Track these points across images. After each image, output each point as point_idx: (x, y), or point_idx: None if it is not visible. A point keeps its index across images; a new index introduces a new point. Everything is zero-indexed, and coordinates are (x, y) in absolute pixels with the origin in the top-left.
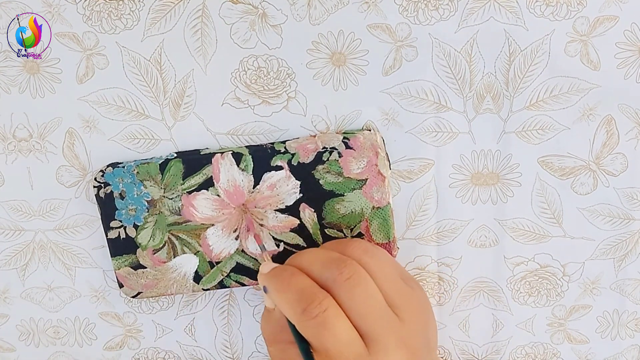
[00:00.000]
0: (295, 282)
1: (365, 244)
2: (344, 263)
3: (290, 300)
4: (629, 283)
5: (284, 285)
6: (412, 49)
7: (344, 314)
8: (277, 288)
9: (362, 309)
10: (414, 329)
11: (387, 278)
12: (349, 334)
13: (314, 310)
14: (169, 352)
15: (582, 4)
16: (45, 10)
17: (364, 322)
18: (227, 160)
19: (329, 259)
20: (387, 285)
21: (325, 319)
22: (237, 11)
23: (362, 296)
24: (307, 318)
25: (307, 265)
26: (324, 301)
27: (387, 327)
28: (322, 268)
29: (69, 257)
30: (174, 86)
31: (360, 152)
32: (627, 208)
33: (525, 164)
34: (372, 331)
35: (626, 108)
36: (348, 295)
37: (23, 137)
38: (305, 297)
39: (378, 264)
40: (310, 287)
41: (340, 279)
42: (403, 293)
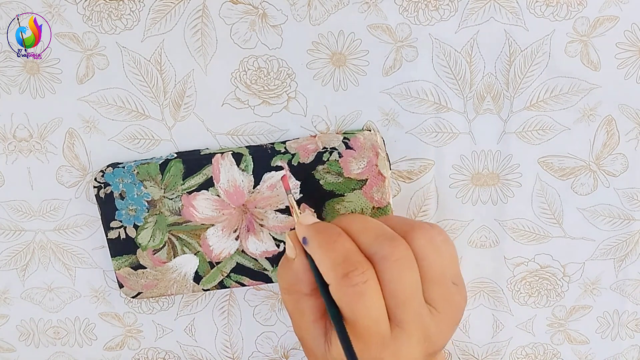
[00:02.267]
0: (341, 244)
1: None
2: (397, 243)
3: (333, 260)
4: (629, 283)
5: (330, 243)
6: (412, 49)
7: (380, 291)
8: (321, 244)
9: (399, 294)
10: (441, 331)
11: (435, 275)
12: (381, 312)
13: (355, 278)
14: (169, 352)
15: (582, 4)
16: (45, 10)
17: (397, 307)
18: (227, 160)
19: (382, 232)
20: (433, 282)
21: (364, 290)
22: (237, 11)
23: (403, 281)
24: (347, 284)
25: (357, 232)
26: (367, 272)
27: (417, 319)
28: (374, 240)
29: (69, 257)
30: (174, 86)
31: (361, 153)
32: (628, 208)
33: (526, 164)
34: (402, 317)
35: (626, 108)
36: (390, 276)
37: (23, 138)
38: (350, 262)
39: (434, 260)
40: (356, 254)
41: (390, 258)
42: (446, 294)
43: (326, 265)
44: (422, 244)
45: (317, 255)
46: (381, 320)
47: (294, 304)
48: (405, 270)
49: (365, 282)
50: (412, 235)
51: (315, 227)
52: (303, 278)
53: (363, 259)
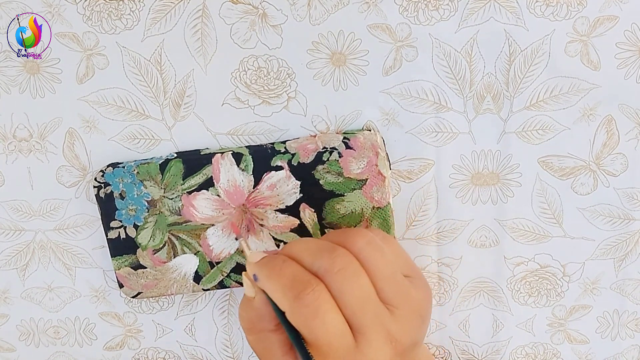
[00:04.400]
0: (287, 269)
1: (370, 236)
2: (335, 253)
3: (282, 286)
4: (629, 283)
5: (276, 271)
6: (412, 49)
7: (336, 305)
8: (268, 275)
9: (352, 302)
10: (406, 326)
11: (384, 273)
12: (339, 325)
13: (307, 297)
14: (169, 352)
15: (582, 4)
16: (45, 10)
17: (353, 315)
18: (227, 160)
19: (320, 248)
20: (383, 281)
21: (317, 307)
22: (237, 11)
23: (353, 288)
24: (300, 305)
25: (298, 253)
26: (317, 288)
27: (376, 321)
28: (314, 257)
29: (69, 257)
30: (174, 86)
31: (361, 152)
32: (627, 208)
33: (526, 164)
34: (361, 324)
35: (626, 108)
36: (339, 287)
37: (23, 137)
38: (298, 283)
39: (377, 258)
40: (303, 274)
41: (332, 270)
42: (399, 289)
43: (277, 293)
44: (362, 246)
45: (267, 287)
46: (342, 332)
47: (260, 342)
48: (351, 278)
49: (317, 299)
50: (351, 241)
51: (261, 262)
52: (265, 314)
53: (311, 277)
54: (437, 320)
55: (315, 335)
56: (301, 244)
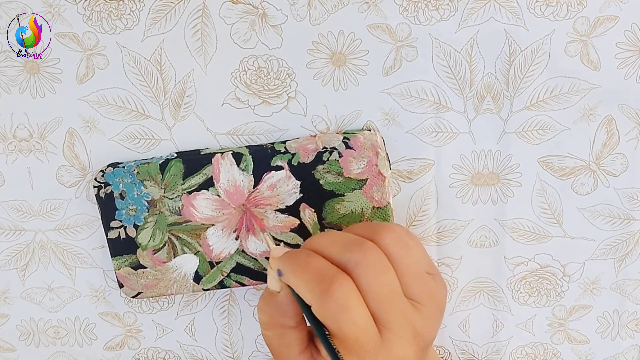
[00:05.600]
0: (313, 263)
1: (398, 233)
2: (367, 247)
3: (309, 281)
4: (629, 283)
5: (302, 266)
6: (412, 49)
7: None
8: (294, 269)
9: (379, 297)
10: (429, 322)
11: (410, 269)
12: (367, 319)
13: (335, 292)
14: (169, 352)
15: (582, 4)
16: (45, 10)
17: (380, 310)
18: (227, 160)
19: (350, 241)
20: (409, 277)
21: (346, 301)
22: (237, 11)
23: (381, 284)
24: (328, 299)
25: (326, 246)
26: (345, 283)
27: (402, 317)
28: (344, 250)
29: (69, 257)
30: (174, 86)
31: (361, 152)
32: (628, 208)
33: (526, 164)
34: (387, 319)
35: (626, 108)
36: (368, 281)
37: (23, 137)
38: (326, 277)
39: (405, 255)
40: (330, 269)
41: (363, 263)
42: (424, 286)
43: (303, 287)
44: (390, 242)
45: (293, 282)
46: (369, 327)
47: (278, 338)
48: (380, 272)
49: (345, 294)
50: (379, 236)
51: (286, 256)
52: (288, 310)
53: (338, 271)
54: None
55: (343, 331)
56: (327, 237)
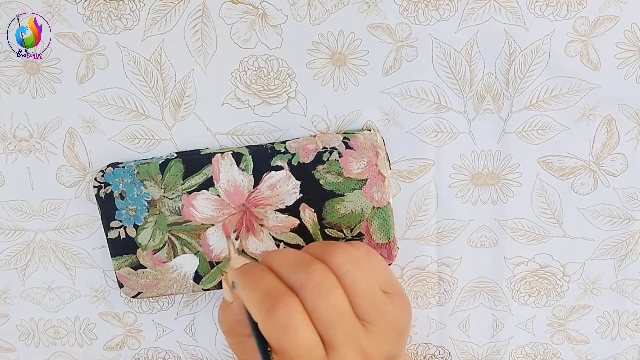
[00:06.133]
0: (263, 281)
1: (350, 252)
2: (313, 268)
3: (256, 298)
4: (629, 283)
5: (252, 282)
6: (412, 49)
7: (309, 319)
8: (244, 284)
9: (324, 317)
10: (380, 342)
11: (361, 289)
12: (311, 339)
13: (279, 312)
14: (169, 352)
15: (582, 4)
16: (45, 10)
17: (326, 331)
18: (227, 160)
19: (298, 261)
20: (360, 297)
21: (289, 321)
22: (237, 11)
23: (327, 305)
24: (271, 319)
25: (277, 265)
26: (290, 303)
27: (349, 337)
28: (291, 270)
29: (69, 257)
30: (174, 86)
31: (361, 152)
32: (627, 208)
33: (526, 164)
34: (333, 339)
35: (626, 108)
36: (313, 302)
37: (23, 137)
38: (271, 297)
39: (356, 274)
40: (277, 288)
41: (307, 285)
42: (376, 306)
43: (252, 303)
44: (340, 262)
45: (243, 296)
46: (313, 347)
47: (238, 345)
48: (325, 294)
49: (289, 314)
50: (329, 257)
51: (240, 269)
52: (242, 319)
53: (285, 291)
54: (437, 320)
55: (285, 349)
56: (280, 256)
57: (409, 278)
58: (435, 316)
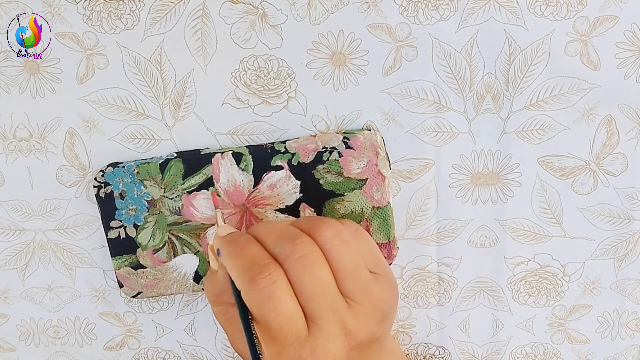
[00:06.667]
0: (248, 250)
1: (339, 228)
2: (298, 240)
3: (240, 266)
4: (629, 283)
5: (237, 250)
6: (412, 49)
7: (292, 290)
8: (229, 252)
9: (307, 290)
10: (363, 321)
11: (346, 266)
12: (293, 311)
13: (262, 281)
14: (169, 352)
15: (582, 4)
16: (45, 10)
17: (308, 304)
18: (227, 160)
19: (284, 233)
20: (345, 274)
21: (271, 291)
22: (237, 11)
23: (310, 278)
24: (254, 287)
25: (263, 236)
26: (274, 273)
27: (331, 312)
28: (276, 241)
29: (69, 257)
30: (174, 86)
31: (361, 152)
32: (627, 208)
33: (526, 164)
34: (315, 313)
35: (626, 108)
36: (296, 274)
37: (23, 137)
38: (255, 266)
39: (342, 251)
40: (262, 258)
41: (292, 257)
42: (361, 284)
43: (235, 272)
44: (328, 238)
45: (227, 264)
46: (295, 319)
47: (223, 314)
48: (310, 267)
49: (272, 284)
50: (317, 231)
51: (226, 237)
52: (226, 288)
53: (270, 262)
54: (437, 320)
55: (266, 319)
56: (267, 226)
57: (409, 278)
58: (435, 316)
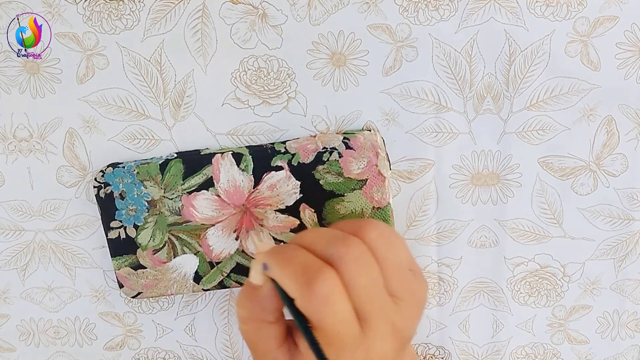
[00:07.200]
0: (299, 257)
1: (382, 228)
2: (350, 241)
3: (293, 274)
4: (629, 283)
5: (287, 259)
6: (413, 49)
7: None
8: (279, 263)
9: (361, 291)
10: (408, 318)
11: (394, 266)
12: (349, 313)
13: (318, 285)
14: (169, 352)
15: (582, 4)
16: (45, 10)
17: (362, 304)
18: (227, 160)
19: (333, 236)
20: (392, 272)
21: (329, 294)
22: (237, 11)
23: (364, 278)
24: (311, 292)
25: (311, 241)
26: (329, 276)
27: (382, 312)
28: (328, 245)
29: (69, 257)
30: (174, 86)
31: (361, 153)
32: (628, 208)
33: (526, 164)
34: (368, 314)
35: (626, 108)
36: (351, 275)
37: (23, 137)
38: (310, 270)
39: (389, 251)
40: (314, 262)
41: (346, 258)
42: (405, 282)
43: (288, 279)
44: (374, 237)
45: (278, 274)
46: (350, 320)
47: (256, 332)
48: (364, 267)
49: (329, 286)
50: (363, 232)
51: (272, 250)
52: (268, 305)
53: (323, 265)
54: (437, 320)
55: (324, 323)
56: (312, 233)
57: None
58: (435, 316)
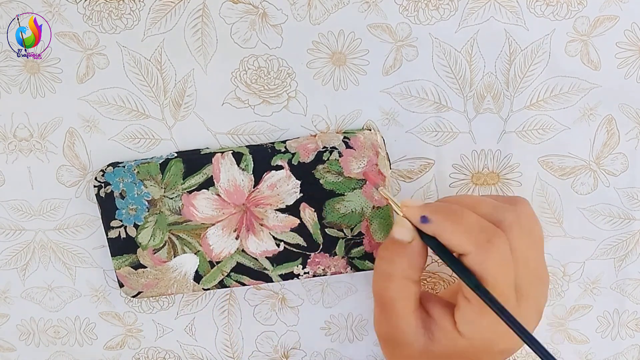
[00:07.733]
0: (470, 216)
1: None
2: (520, 209)
3: (470, 230)
4: (629, 283)
5: (459, 216)
6: (413, 48)
7: None
8: (449, 217)
9: (524, 257)
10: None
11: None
12: (513, 277)
13: (500, 243)
14: (170, 351)
15: (582, 3)
16: (45, 10)
17: (521, 271)
18: (227, 159)
19: (498, 203)
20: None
21: (507, 255)
22: (237, 11)
23: (530, 244)
24: (491, 249)
25: (473, 205)
26: (505, 237)
27: (535, 288)
28: (495, 210)
29: (69, 256)
30: (174, 86)
31: (361, 152)
32: (628, 208)
33: (526, 163)
34: (524, 282)
35: (627, 108)
36: (521, 242)
37: (23, 137)
38: (488, 229)
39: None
40: (488, 222)
41: (517, 224)
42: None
43: (462, 234)
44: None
45: (447, 229)
46: (513, 287)
47: (399, 290)
48: (529, 234)
49: (506, 248)
50: (518, 204)
51: (432, 205)
52: (416, 262)
53: (497, 227)
54: None
55: (497, 281)
56: (471, 198)
57: None
58: None
